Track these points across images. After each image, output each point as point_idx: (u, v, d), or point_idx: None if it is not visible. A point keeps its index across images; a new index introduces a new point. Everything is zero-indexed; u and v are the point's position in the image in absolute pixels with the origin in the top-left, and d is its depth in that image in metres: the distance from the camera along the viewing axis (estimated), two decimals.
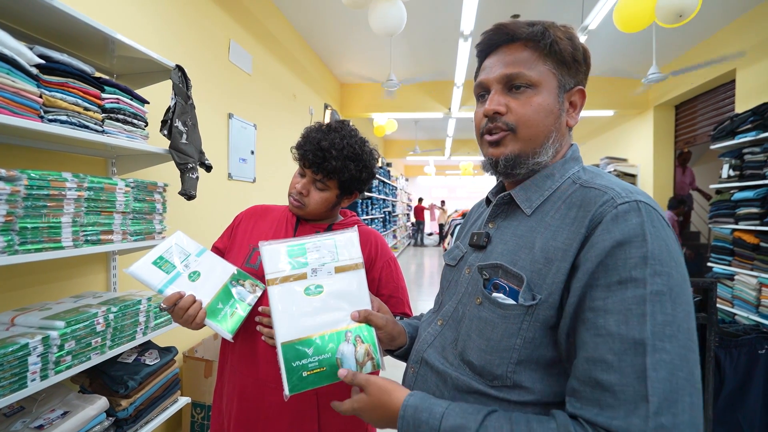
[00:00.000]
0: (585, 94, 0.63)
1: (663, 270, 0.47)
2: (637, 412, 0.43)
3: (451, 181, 16.94)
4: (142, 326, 1.40)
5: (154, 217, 1.50)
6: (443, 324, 0.67)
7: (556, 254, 0.53)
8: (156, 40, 2.01)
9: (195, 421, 2.03)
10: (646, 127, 5.44)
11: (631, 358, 0.45)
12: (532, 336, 0.53)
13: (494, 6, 3.62)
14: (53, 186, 1.09)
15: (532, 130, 0.60)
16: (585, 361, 0.48)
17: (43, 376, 1.06)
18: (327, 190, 0.99)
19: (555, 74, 0.60)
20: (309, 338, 0.66)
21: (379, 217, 7.06)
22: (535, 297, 0.53)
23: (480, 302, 0.59)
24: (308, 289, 0.69)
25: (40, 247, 1.07)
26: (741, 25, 3.72)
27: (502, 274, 0.58)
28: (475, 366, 0.57)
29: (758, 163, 2.76)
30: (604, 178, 0.58)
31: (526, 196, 0.62)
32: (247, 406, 0.92)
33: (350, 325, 0.68)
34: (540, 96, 0.59)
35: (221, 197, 2.65)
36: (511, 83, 0.60)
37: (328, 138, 0.96)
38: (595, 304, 0.49)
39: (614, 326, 0.47)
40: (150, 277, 0.85)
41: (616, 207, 0.51)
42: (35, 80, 1.07)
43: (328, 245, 0.73)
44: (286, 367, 0.64)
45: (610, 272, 0.48)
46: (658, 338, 0.45)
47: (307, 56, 4.43)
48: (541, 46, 0.59)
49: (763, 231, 2.69)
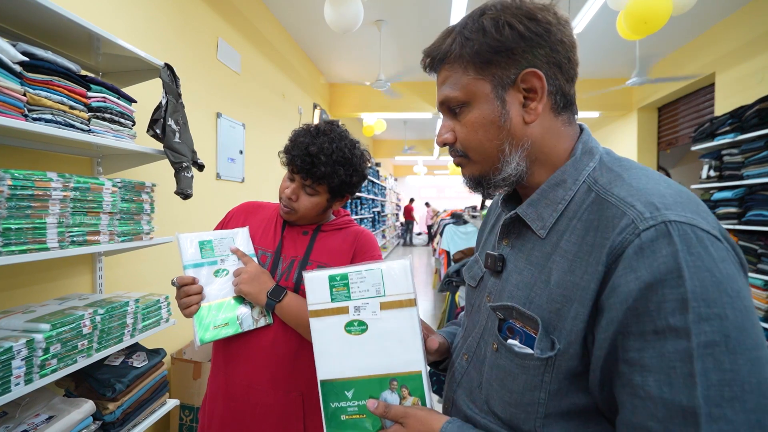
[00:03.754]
0: (540, 74, 0.50)
1: (711, 313, 0.37)
2: None
3: (439, 181, 17.04)
4: (129, 328, 1.38)
5: (142, 217, 1.48)
6: (468, 360, 0.61)
7: (574, 293, 0.45)
8: (143, 37, 1.98)
9: (183, 423, 2.01)
10: (630, 128, 5.57)
11: (679, 427, 0.36)
12: (557, 387, 0.46)
13: None
14: (38, 186, 1.07)
15: (479, 151, 0.53)
16: (624, 426, 0.41)
17: (27, 380, 1.04)
18: (317, 195, 0.96)
19: (482, 78, 0.51)
20: (349, 380, 0.60)
21: (368, 216, 7.06)
22: (554, 345, 0.46)
23: (496, 349, 0.53)
24: (350, 326, 0.62)
25: (25, 249, 1.05)
26: (720, 30, 3.83)
27: (517, 315, 0.50)
28: (501, 418, 0.51)
29: (736, 164, 2.85)
30: (625, 180, 0.47)
31: (537, 213, 0.52)
32: (233, 407, 0.92)
33: (396, 371, 0.60)
34: (473, 111, 0.52)
35: (210, 197, 2.63)
36: (449, 108, 0.55)
37: (317, 142, 0.93)
38: (629, 356, 0.40)
39: (655, 388, 0.38)
40: (186, 251, 0.90)
41: (639, 235, 0.40)
42: (19, 78, 1.05)
43: (374, 276, 0.62)
44: (324, 406, 0.61)
45: (642, 319, 0.39)
46: (715, 404, 0.35)
47: (296, 55, 4.41)
48: (454, 57, 0.52)
49: (741, 230, 2.78)
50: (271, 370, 0.91)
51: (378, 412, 0.56)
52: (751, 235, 2.70)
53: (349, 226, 1.06)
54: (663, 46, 4.39)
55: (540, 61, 0.50)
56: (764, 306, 2.53)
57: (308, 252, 0.98)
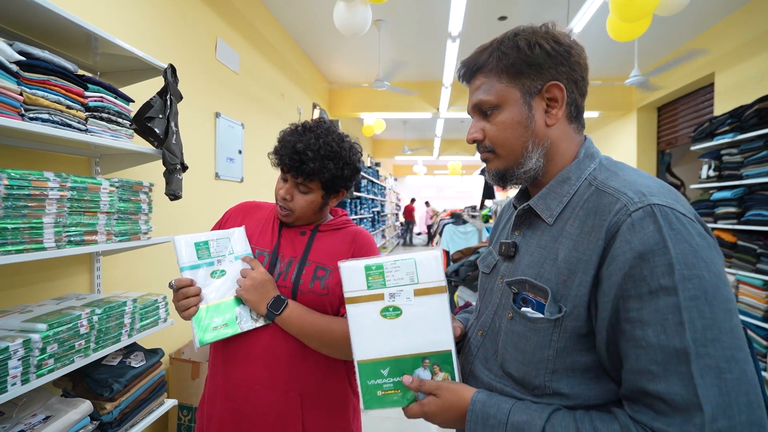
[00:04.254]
0: (562, 86, 0.61)
1: (692, 273, 0.47)
2: (693, 422, 0.44)
3: (439, 181, 17.04)
4: (127, 328, 1.37)
5: (139, 217, 1.48)
6: (483, 334, 0.69)
7: (578, 265, 0.54)
8: (141, 37, 1.98)
9: (182, 423, 2.01)
10: (630, 128, 5.57)
11: (675, 367, 0.46)
12: (564, 345, 0.55)
13: (481, 7, 3.65)
14: (35, 186, 1.07)
15: (506, 147, 0.64)
16: (630, 373, 0.50)
17: (24, 380, 1.03)
18: (311, 192, 0.96)
19: (514, 86, 0.62)
20: (384, 360, 0.67)
21: (367, 216, 7.06)
22: (561, 309, 0.55)
23: (511, 317, 0.62)
24: (385, 311, 0.68)
25: (21, 249, 1.05)
26: (719, 29, 3.83)
27: (529, 288, 0.60)
28: (516, 377, 0.60)
29: (735, 164, 2.85)
30: (619, 176, 0.58)
31: (546, 204, 0.63)
32: (232, 407, 0.92)
33: (427, 351, 0.66)
34: (504, 113, 0.63)
35: (208, 197, 2.62)
36: (480, 110, 0.65)
37: (303, 139, 0.93)
38: (630, 315, 0.49)
39: (653, 337, 0.47)
40: (182, 253, 0.89)
41: (630, 215, 0.51)
42: (15, 77, 1.04)
43: (407, 265, 0.68)
44: (362, 384, 0.67)
45: (638, 283, 0.48)
46: (700, 344, 0.45)
47: (296, 55, 4.41)
48: (495, 67, 0.63)
49: (740, 230, 2.77)
50: (270, 370, 0.91)
51: (413, 387, 0.64)
52: (750, 235, 2.69)
53: (347, 226, 1.05)
54: (662, 46, 4.39)
55: (561, 76, 0.62)
56: (764, 306, 2.53)
57: (306, 252, 0.98)
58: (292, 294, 0.93)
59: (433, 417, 0.62)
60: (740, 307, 2.74)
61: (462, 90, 5.62)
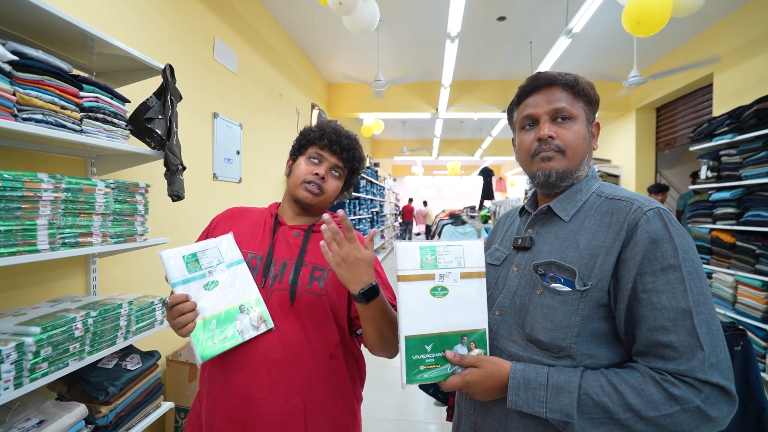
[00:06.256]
0: (599, 126, 0.82)
1: (688, 257, 0.64)
2: (696, 357, 0.60)
3: (438, 181, 17.03)
4: (123, 330, 1.36)
5: (135, 218, 1.47)
6: (501, 313, 0.78)
7: (600, 251, 0.68)
8: (137, 37, 1.97)
9: (179, 426, 1.99)
10: (629, 128, 5.57)
11: (682, 321, 0.61)
12: (587, 313, 0.67)
13: (480, 8, 3.65)
14: (28, 187, 1.06)
15: (576, 150, 0.77)
16: (647, 330, 0.63)
17: (17, 384, 1.02)
18: (339, 179, 1.00)
19: (584, 110, 0.79)
20: (430, 335, 0.72)
21: (366, 217, 7.05)
22: (587, 284, 0.68)
23: (541, 293, 0.72)
24: (434, 291, 0.74)
25: (14, 251, 1.03)
26: (718, 30, 3.83)
27: (555, 269, 0.71)
28: (543, 342, 0.70)
29: (734, 164, 2.85)
30: (622, 191, 0.76)
31: (562, 206, 0.77)
32: (231, 418, 0.89)
33: (467, 328, 0.74)
34: (577, 125, 0.77)
35: (206, 198, 2.61)
36: (557, 116, 0.77)
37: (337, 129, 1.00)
38: (647, 287, 0.64)
39: (666, 301, 0.62)
40: (171, 269, 0.86)
41: (645, 213, 0.67)
42: (8, 77, 1.03)
43: (456, 251, 0.76)
44: (407, 359, 0.71)
45: (653, 262, 0.64)
46: (698, 304, 0.62)
47: (294, 55, 4.39)
48: (575, 90, 0.78)
49: (739, 230, 2.77)
50: (270, 377, 0.88)
51: (455, 361, 0.71)
52: (749, 236, 2.69)
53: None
54: (662, 46, 4.39)
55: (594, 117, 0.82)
56: (763, 307, 2.53)
57: (302, 253, 0.96)
58: (290, 295, 0.91)
59: (473, 385, 0.70)
60: (739, 308, 2.74)
61: (461, 90, 5.61)
